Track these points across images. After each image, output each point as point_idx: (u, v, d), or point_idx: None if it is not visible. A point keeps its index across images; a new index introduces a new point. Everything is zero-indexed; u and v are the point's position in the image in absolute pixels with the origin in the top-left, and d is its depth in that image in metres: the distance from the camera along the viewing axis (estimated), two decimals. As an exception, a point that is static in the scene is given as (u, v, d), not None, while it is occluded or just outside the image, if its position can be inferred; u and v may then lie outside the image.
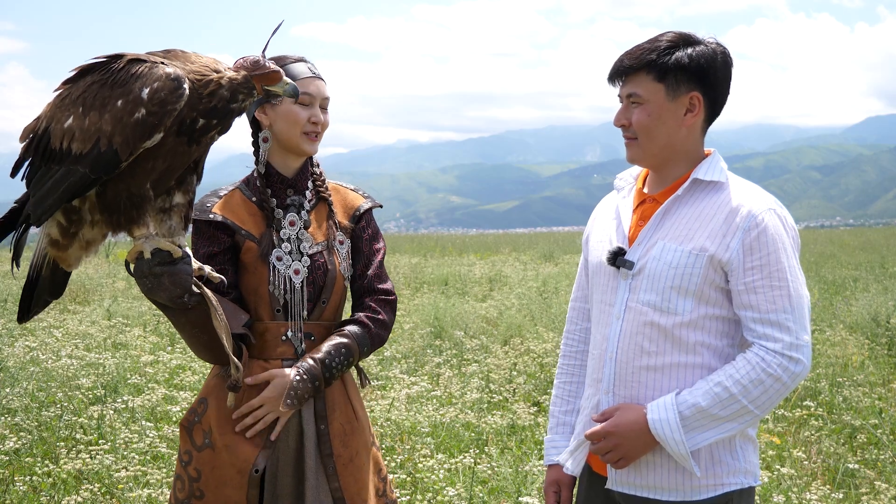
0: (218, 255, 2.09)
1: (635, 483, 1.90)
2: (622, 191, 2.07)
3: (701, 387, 1.80)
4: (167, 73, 1.66)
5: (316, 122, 2.11)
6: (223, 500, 2.04)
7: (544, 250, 18.87)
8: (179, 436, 2.16)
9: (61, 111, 1.74)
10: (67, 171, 1.71)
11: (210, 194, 2.18)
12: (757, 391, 1.76)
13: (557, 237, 26.32)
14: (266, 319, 2.10)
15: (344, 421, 2.14)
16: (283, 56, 2.13)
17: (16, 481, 3.84)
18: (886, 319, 7.62)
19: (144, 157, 1.71)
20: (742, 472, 1.88)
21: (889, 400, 5.39)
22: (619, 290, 1.92)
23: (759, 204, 1.84)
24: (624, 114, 1.93)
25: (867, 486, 3.91)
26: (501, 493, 3.82)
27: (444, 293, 10.74)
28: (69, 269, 1.90)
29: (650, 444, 1.83)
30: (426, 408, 5.01)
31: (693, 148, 1.94)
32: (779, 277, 1.79)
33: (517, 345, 6.96)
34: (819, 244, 21.84)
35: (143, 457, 4.13)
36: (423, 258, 17.39)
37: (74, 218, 1.79)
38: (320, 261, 2.13)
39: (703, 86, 1.88)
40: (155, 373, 5.82)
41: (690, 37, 1.90)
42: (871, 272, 13.34)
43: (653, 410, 1.81)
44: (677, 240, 1.86)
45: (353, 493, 2.10)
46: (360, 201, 2.25)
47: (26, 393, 5.18)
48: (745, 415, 1.78)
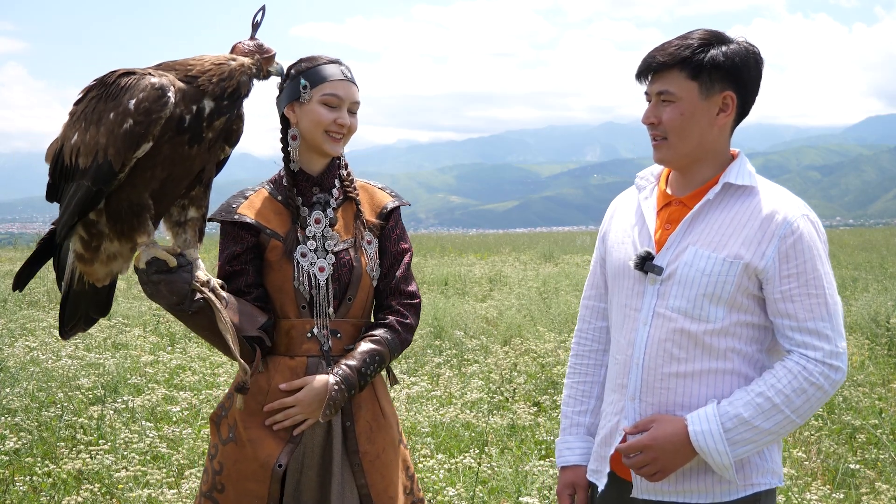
0: (241, 254, 2.11)
1: (664, 490, 1.85)
2: (643, 190, 2.00)
3: (741, 397, 1.76)
4: (152, 83, 1.71)
5: (342, 124, 2.10)
6: (245, 493, 2.05)
7: (544, 250, 18.86)
8: (210, 430, 2.18)
9: (71, 129, 1.81)
10: (77, 186, 1.77)
11: (237, 195, 2.19)
12: (799, 400, 1.74)
13: (557, 237, 26.31)
14: (292, 316, 2.11)
15: (370, 418, 2.14)
16: (317, 56, 2.12)
17: (16, 481, 3.84)
18: (886, 319, 7.61)
19: (142, 166, 1.76)
20: (770, 472, 1.86)
21: (889, 400, 5.39)
22: (647, 295, 1.87)
23: (793, 210, 1.80)
24: (654, 111, 1.86)
25: (867, 486, 3.91)
26: (501, 493, 3.82)
27: (444, 293, 10.74)
28: (99, 285, 1.95)
29: (689, 457, 1.79)
30: (426, 408, 5.01)
31: (722, 149, 1.89)
32: (816, 285, 1.76)
33: (517, 345, 6.96)
34: (819, 244, 21.79)
35: (143, 457, 4.13)
36: (422, 258, 17.38)
37: (94, 231, 1.84)
38: (346, 258, 2.13)
39: (737, 85, 1.83)
40: (155, 373, 5.82)
41: (722, 35, 1.85)
42: (871, 272, 13.33)
43: (694, 422, 1.77)
44: (710, 246, 1.81)
45: (380, 490, 2.10)
46: (388, 199, 2.24)
47: (26, 393, 5.18)
48: (787, 424, 1.76)
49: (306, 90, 2.07)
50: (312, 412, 2.05)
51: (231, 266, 2.11)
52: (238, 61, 1.82)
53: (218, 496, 2.08)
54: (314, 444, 2.09)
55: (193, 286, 1.87)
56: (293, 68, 2.11)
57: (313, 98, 2.07)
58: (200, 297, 1.89)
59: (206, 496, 2.11)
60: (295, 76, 2.09)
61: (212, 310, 1.91)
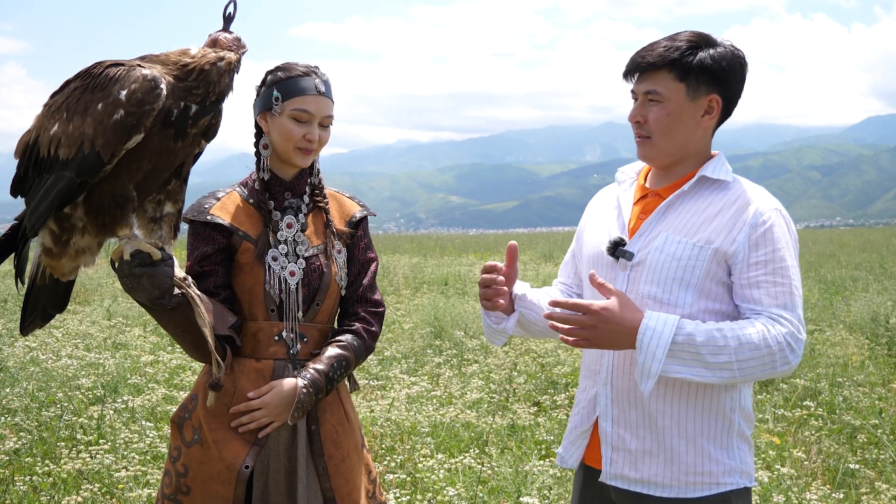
0: (211, 255, 2.10)
1: (629, 477, 1.89)
2: (623, 184, 2.05)
3: (703, 325, 1.75)
4: (144, 75, 1.70)
5: (311, 140, 2.08)
6: (210, 495, 2.04)
7: (544, 250, 18.86)
8: (170, 432, 2.17)
9: (48, 120, 1.78)
10: (56, 177, 1.74)
11: (208, 196, 2.17)
12: (748, 354, 1.72)
13: (557, 237, 26.29)
14: (260, 319, 2.10)
15: (335, 422, 2.15)
16: (293, 65, 2.09)
17: (16, 481, 3.84)
18: (886, 319, 7.62)
19: (129, 157, 1.74)
20: (738, 473, 1.87)
21: (889, 400, 5.39)
22: (618, 281, 1.91)
23: (765, 203, 1.84)
24: (640, 110, 1.90)
25: (867, 486, 3.91)
26: (501, 493, 3.82)
27: (444, 293, 10.74)
28: (63, 279, 1.92)
29: (625, 345, 1.76)
30: (426, 408, 5.02)
31: (703, 150, 1.94)
32: (782, 275, 1.79)
33: (517, 345, 6.96)
34: (819, 244, 21.84)
35: (143, 457, 4.13)
36: (422, 258, 17.38)
37: (66, 225, 1.81)
38: (316, 264, 2.13)
39: (722, 88, 1.87)
40: (155, 373, 5.83)
41: (709, 37, 1.88)
42: (871, 272, 13.34)
43: (651, 318, 1.74)
44: (682, 232, 1.85)
45: (345, 494, 2.11)
46: (356, 209, 2.26)
47: (26, 393, 5.18)
48: (725, 371, 1.73)
49: (278, 102, 2.06)
50: (279, 415, 2.05)
51: (201, 266, 2.09)
52: (226, 60, 1.78)
53: (183, 498, 2.07)
54: (279, 448, 2.09)
55: (174, 281, 1.86)
56: (269, 75, 2.10)
57: (284, 111, 2.05)
58: (179, 292, 1.88)
59: (169, 499, 2.09)
60: (270, 85, 2.08)
61: (189, 306, 1.90)
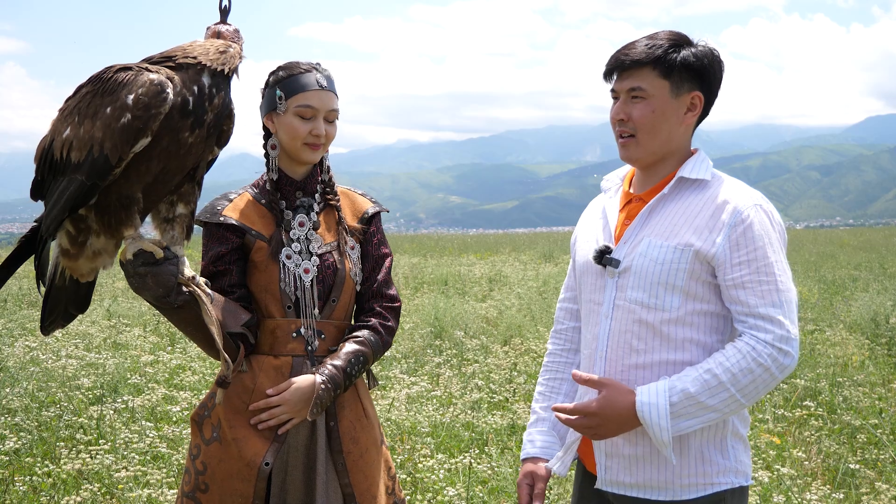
0: (225, 255, 2.12)
1: (625, 482, 1.89)
2: (608, 192, 2.08)
3: (690, 374, 1.78)
4: (151, 80, 1.73)
5: (317, 135, 2.10)
6: (229, 492, 2.05)
7: (544, 250, 18.86)
8: (190, 430, 2.18)
9: (61, 124, 1.81)
10: (69, 180, 1.77)
11: (220, 197, 2.20)
12: (746, 380, 1.75)
13: (557, 237, 26.28)
14: (277, 316, 2.12)
15: (353, 418, 2.16)
16: (294, 64, 2.12)
17: (16, 481, 3.84)
18: (886, 319, 7.62)
19: (137, 159, 1.77)
20: (733, 472, 1.87)
21: (889, 400, 5.39)
22: (607, 288, 1.92)
23: (744, 200, 1.84)
24: (623, 108, 1.90)
25: (867, 486, 3.91)
26: (501, 493, 3.83)
27: (444, 293, 10.74)
28: (82, 280, 1.95)
29: (633, 426, 1.81)
30: (426, 408, 5.02)
31: (685, 147, 1.96)
32: (766, 272, 1.79)
33: (517, 345, 6.97)
34: (819, 244, 21.83)
35: (143, 457, 4.13)
36: (422, 258, 17.39)
37: (82, 227, 1.84)
38: (329, 261, 2.15)
39: (703, 86, 1.90)
40: (155, 373, 5.83)
41: (687, 37, 1.91)
42: (871, 272, 13.34)
43: (643, 394, 1.79)
44: (662, 236, 1.86)
45: (363, 490, 2.12)
46: (369, 205, 2.28)
47: (26, 393, 5.18)
48: (732, 403, 1.76)
49: (282, 101, 2.08)
50: (298, 412, 2.06)
51: (215, 266, 2.12)
52: (234, 48, 1.85)
53: (201, 496, 2.08)
54: (298, 444, 2.10)
55: (179, 279, 1.88)
56: (272, 76, 2.13)
57: (289, 109, 2.08)
58: (186, 290, 1.90)
59: (188, 496, 2.11)
60: (272, 85, 2.11)
61: (197, 304, 1.92)
